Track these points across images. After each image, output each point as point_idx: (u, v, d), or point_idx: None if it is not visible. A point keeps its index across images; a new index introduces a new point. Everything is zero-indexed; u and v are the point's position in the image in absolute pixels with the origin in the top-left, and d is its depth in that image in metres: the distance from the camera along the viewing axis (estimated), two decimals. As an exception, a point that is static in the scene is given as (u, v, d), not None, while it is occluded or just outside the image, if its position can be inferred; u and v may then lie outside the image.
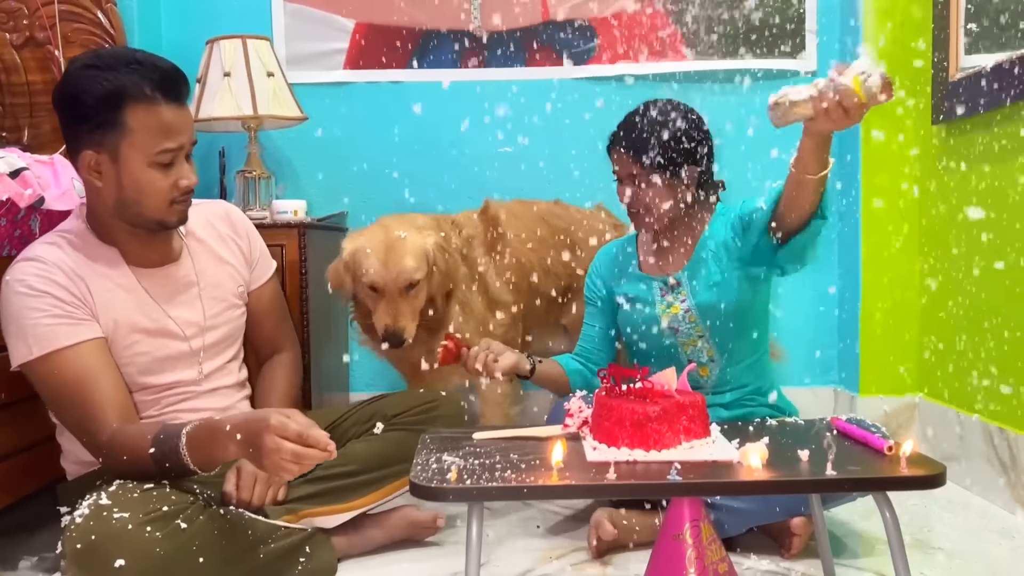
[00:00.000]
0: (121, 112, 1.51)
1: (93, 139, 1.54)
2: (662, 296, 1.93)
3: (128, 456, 1.47)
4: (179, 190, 1.59)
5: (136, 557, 1.37)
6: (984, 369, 2.15)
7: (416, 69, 2.74)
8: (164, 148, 1.55)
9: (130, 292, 1.64)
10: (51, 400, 1.57)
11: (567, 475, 1.21)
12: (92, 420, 1.51)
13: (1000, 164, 2.09)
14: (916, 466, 1.19)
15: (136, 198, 1.57)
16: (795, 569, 1.69)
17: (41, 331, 1.52)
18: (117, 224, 1.62)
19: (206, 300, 1.74)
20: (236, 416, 1.45)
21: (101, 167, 1.56)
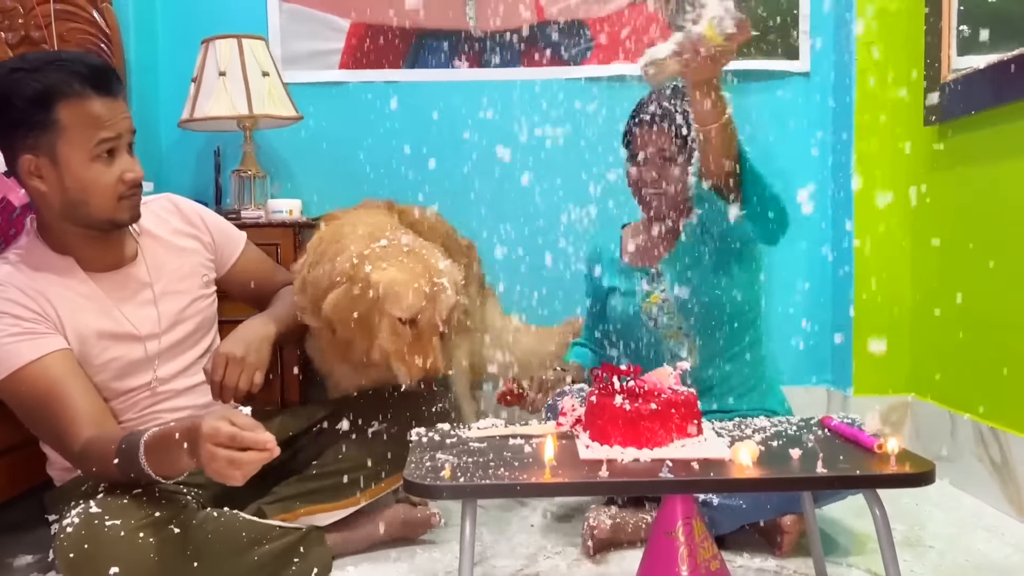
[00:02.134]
0: (52, 111, 1.49)
1: (28, 143, 1.51)
2: (642, 286, 1.95)
3: (97, 468, 1.46)
4: (125, 184, 1.56)
5: (130, 564, 1.38)
6: (976, 369, 2.17)
7: (411, 69, 2.74)
8: (101, 139, 1.52)
9: (91, 299, 1.62)
10: (24, 416, 1.55)
11: (560, 473, 1.22)
12: (64, 432, 1.49)
13: (993, 165, 2.11)
14: (906, 464, 1.20)
15: (82, 198, 1.54)
16: (787, 567, 1.70)
17: (3, 351, 1.49)
18: (68, 229, 1.60)
19: (169, 297, 1.72)
20: (183, 422, 1.39)
21: (42, 171, 1.53)
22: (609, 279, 2.03)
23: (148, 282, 1.70)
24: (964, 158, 2.23)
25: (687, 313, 1.89)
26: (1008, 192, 2.02)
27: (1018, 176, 1.98)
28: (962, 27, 2.24)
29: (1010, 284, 2.00)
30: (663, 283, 1.94)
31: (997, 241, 2.06)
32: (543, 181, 2.71)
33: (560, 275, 2.67)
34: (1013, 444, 1.98)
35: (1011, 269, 2.00)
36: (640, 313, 1.93)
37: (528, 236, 2.73)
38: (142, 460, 1.38)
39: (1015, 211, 1.99)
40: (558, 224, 2.73)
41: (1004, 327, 2.02)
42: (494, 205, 2.73)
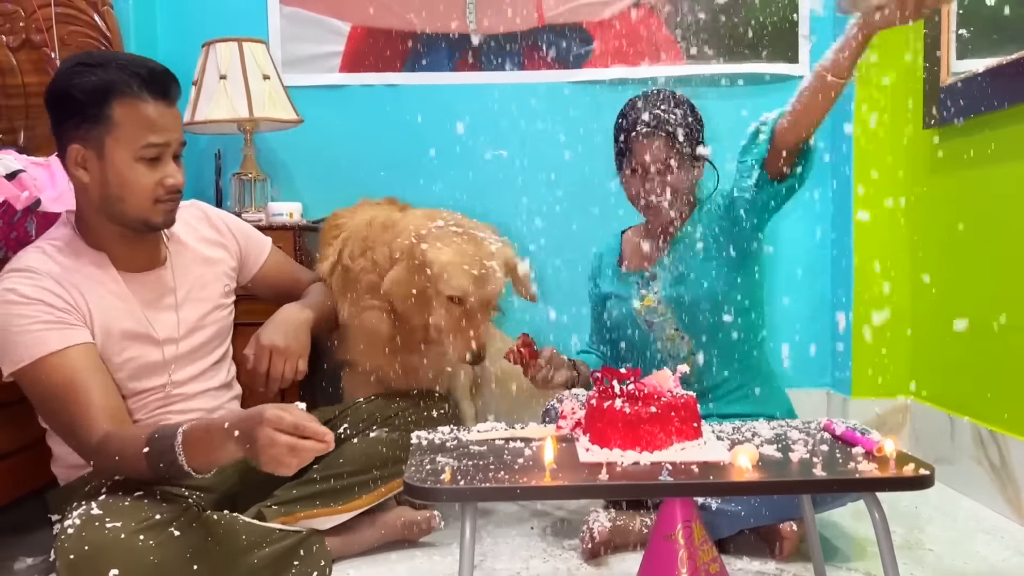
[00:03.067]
0: (107, 106, 1.52)
1: (79, 134, 1.55)
2: (638, 289, 1.95)
3: (121, 457, 1.45)
4: (164, 188, 1.59)
5: (130, 566, 1.38)
6: (975, 372, 2.17)
7: (411, 72, 2.75)
8: (149, 143, 1.55)
9: (120, 298, 1.63)
10: (41, 405, 1.55)
11: (560, 476, 1.22)
12: (82, 424, 1.49)
13: (992, 168, 2.11)
14: (905, 467, 1.21)
15: (120, 194, 1.57)
16: (786, 571, 1.70)
17: (30, 337, 1.51)
18: (105, 226, 1.62)
19: (191, 304, 1.74)
20: (233, 413, 1.44)
21: (87, 163, 1.56)
22: (608, 285, 2.03)
23: (172, 287, 1.71)
24: (964, 161, 2.24)
25: (681, 315, 1.89)
26: (1008, 195, 2.02)
27: (1018, 179, 1.99)
28: (961, 30, 2.24)
29: (1009, 287, 2.00)
30: (656, 285, 1.94)
31: (997, 244, 2.06)
32: (543, 184, 2.72)
33: (558, 277, 2.67)
34: (1012, 447, 1.98)
35: (1010, 273, 2.00)
36: (634, 315, 1.93)
37: (528, 238, 2.73)
38: (178, 450, 1.40)
39: (1015, 214, 1.99)
40: (558, 227, 2.73)
41: (1003, 330, 2.02)
42: (493, 208, 2.72)
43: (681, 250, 1.92)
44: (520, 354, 1.80)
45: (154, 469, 1.44)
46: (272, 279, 1.94)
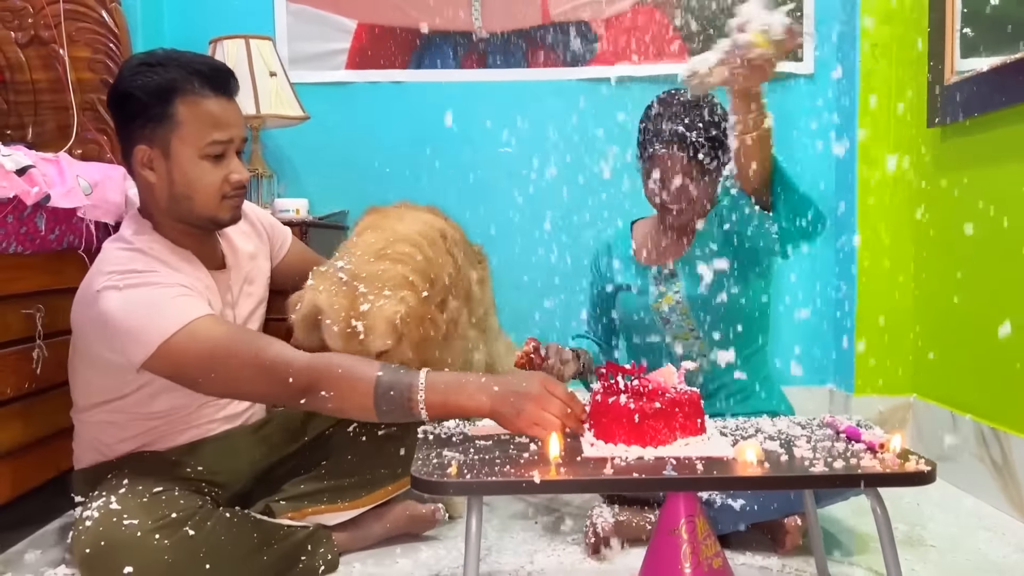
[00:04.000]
0: (170, 105, 1.54)
1: (144, 134, 1.56)
2: (655, 285, 1.95)
3: (344, 374, 1.39)
4: (230, 184, 1.59)
5: (144, 564, 1.40)
6: (977, 369, 2.18)
7: (417, 70, 2.76)
8: (213, 140, 1.56)
9: (212, 293, 1.65)
10: (209, 362, 1.44)
11: (564, 470, 1.23)
12: (275, 355, 1.42)
13: (995, 167, 2.12)
14: (907, 463, 1.22)
15: (187, 192, 1.57)
16: (789, 565, 1.71)
17: (174, 308, 1.45)
18: (176, 226, 1.62)
19: (243, 300, 1.77)
20: (485, 378, 1.39)
21: (154, 163, 1.57)
22: (621, 276, 2.02)
23: (230, 285, 1.73)
24: (967, 160, 2.25)
25: (700, 315, 1.90)
26: (1010, 194, 2.03)
27: (1020, 178, 2.00)
28: (965, 29, 2.25)
29: (1011, 286, 2.01)
30: (677, 283, 1.93)
31: (1000, 243, 2.07)
32: (548, 181, 2.73)
33: (565, 273, 2.68)
34: (1014, 444, 1.99)
35: (1013, 271, 2.01)
36: (652, 313, 1.94)
37: (534, 235, 2.74)
38: (420, 387, 1.37)
39: (1017, 213, 2.00)
40: (563, 222, 2.74)
41: (1007, 329, 2.03)
42: (499, 205, 2.74)
43: (701, 251, 1.92)
44: (530, 359, 1.83)
45: (380, 397, 1.39)
46: (295, 268, 1.93)
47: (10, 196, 1.72)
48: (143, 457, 1.64)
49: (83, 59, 2.40)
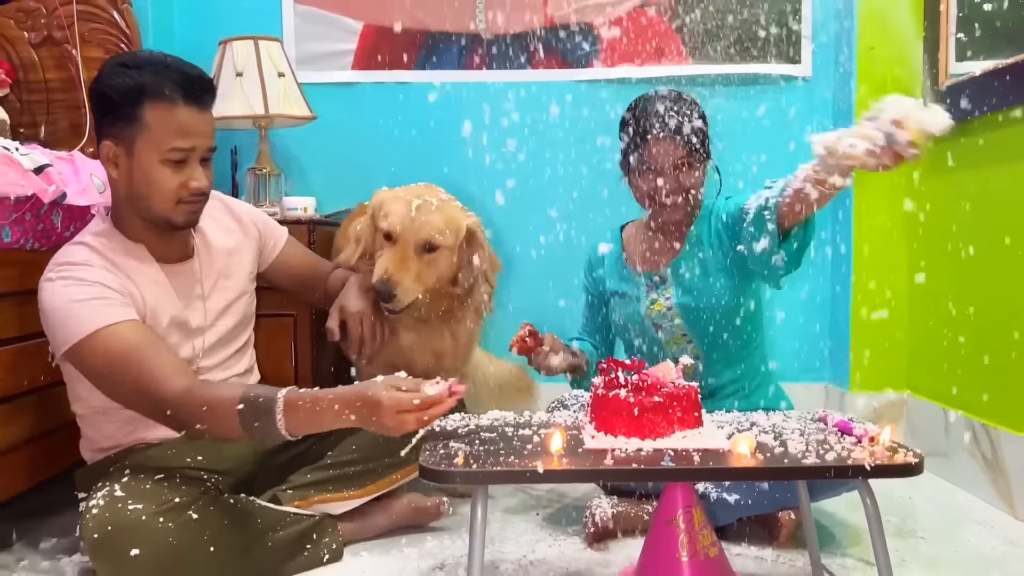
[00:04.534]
0: (139, 108, 1.59)
1: (113, 131, 1.62)
2: (647, 292, 1.98)
3: (209, 409, 1.47)
4: (187, 190, 1.64)
5: (150, 547, 1.45)
6: (970, 368, 2.23)
7: (422, 70, 2.81)
8: (175, 147, 1.61)
9: (163, 288, 1.70)
10: (107, 373, 1.54)
11: (567, 461, 1.28)
12: (156, 382, 1.51)
13: (988, 169, 2.17)
14: (896, 455, 1.27)
15: (144, 192, 1.63)
16: (783, 557, 1.76)
17: (89, 311, 1.54)
18: (136, 220, 1.69)
19: (217, 293, 1.81)
20: (344, 395, 1.44)
21: (118, 159, 1.63)
22: (613, 282, 2.05)
23: (199, 278, 1.78)
24: (961, 162, 2.29)
25: (692, 320, 1.92)
26: (1003, 196, 2.08)
27: (1013, 180, 2.04)
28: (960, 34, 2.29)
29: (1002, 285, 2.06)
30: (667, 289, 1.96)
31: (992, 244, 2.12)
32: (549, 181, 2.78)
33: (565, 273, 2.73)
34: (1004, 440, 2.04)
35: (1004, 271, 2.06)
36: (644, 319, 1.97)
37: (535, 232, 2.79)
38: (278, 414, 1.44)
39: (1009, 214, 2.05)
40: (564, 222, 2.79)
41: (997, 327, 2.08)
42: (502, 204, 2.79)
43: (691, 257, 1.95)
44: (525, 343, 1.86)
45: (247, 426, 1.46)
46: (292, 267, 2.00)
47: (28, 194, 1.77)
48: (142, 451, 1.69)
49: (95, 59, 2.45)
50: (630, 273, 2.02)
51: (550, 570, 1.70)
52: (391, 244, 1.88)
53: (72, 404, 1.75)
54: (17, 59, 2.47)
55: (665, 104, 1.86)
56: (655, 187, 1.88)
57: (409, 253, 1.87)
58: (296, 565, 1.68)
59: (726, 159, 2.68)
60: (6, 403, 1.73)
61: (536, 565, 1.72)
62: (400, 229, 1.87)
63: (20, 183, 1.74)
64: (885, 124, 1.33)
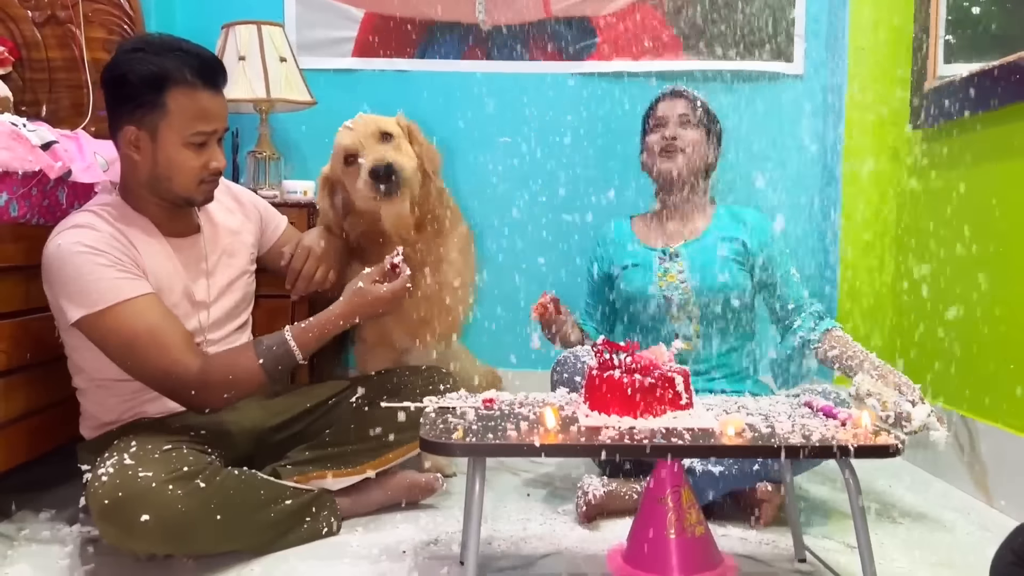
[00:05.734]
0: (163, 94, 1.64)
1: (135, 117, 1.66)
2: (659, 263, 2.09)
3: (234, 375, 1.65)
4: (208, 171, 1.71)
5: (160, 513, 1.48)
6: (950, 360, 2.29)
7: (421, 59, 2.84)
8: (198, 131, 1.67)
9: (169, 261, 1.75)
10: (123, 350, 1.62)
11: (563, 436, 1.33)
12: (176, 361, 1.61)
13: (974, 168, 2.23)
14: (878, 437, 1.33)
15: (168, 175, 1.69)
16: (767, 537, 1.81)
17: (105, 284, 1.60)
18: (148, 197, 1.74)
19: (221, 270, 1.86)
20: (343, 310, 1.75)
21: (140, 143, 1.67)
22: (624, 255, 2.17)
23: (204, 254, 1.82)
24: (948, 161, 2.35)
25: (701, 295, 2.05)
26: (988, 195, 2.14)
27: (998, 179, 2.11)
28: (948, 36, 2.35)
29: (984, 281, 2.12)
30: (680, 262, 2.09)
31: (975, 239, 2.18)
32: (546, 171, 2.82)
33: (561, 263, 2.78)
34: (982, 431, 2.11)
35: (986, 267, 2.12)
36: (655, 289, 2.07)
37: (530, 223, 2.83)
38: (296, 354, 1.70)
39: (993, 213, 2.11)
40: (559, 213, 2.84)
41: (977, 322, 2.15)
42: (497, 194, 2.83)
43: (708, 244, 2.11)
44: (546, 309, 1.94)
45: (271, 375, 1.69)
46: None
47: (36, 170, 1.80)
48: (145, 425, 1.73)
49: (98, 39, 2.47)
50: (643, 248, 2.14)
51: (542, 546, 1.75)
52: (356, 165, 1.96)
53: (74, 378, 1.79)
54: (20, 37, 2.48)
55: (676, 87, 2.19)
56: (662, 137, 2.10)
57: (376, 146, 1.96)
58: (296, 537, 1.73)
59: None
60: (9, 376, 1.76)
61: (528, 541, 1.77)
62: (357, 137, 1.98)
63: (28, 159, 1.77)
64: (900, 407, 1.72)
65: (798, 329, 2.05)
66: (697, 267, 2.07)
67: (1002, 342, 2.04)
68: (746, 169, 2.82)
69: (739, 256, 2.10)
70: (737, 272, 2.09)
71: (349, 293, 1.78)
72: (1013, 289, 2.02)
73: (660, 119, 2.15)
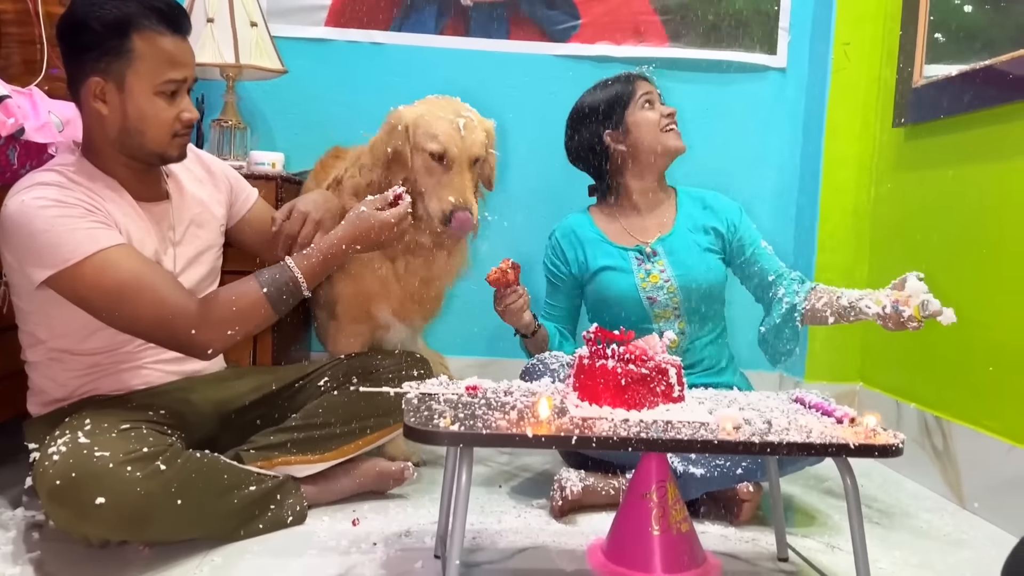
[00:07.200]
0: (127, 39, 1.53)
1: (99, 66, 1.54)
2: (639, 265, 2.03)
3: (239, 308, 1.56)
4: (181, 122, 1.61)
5: (116, 496, 1.38)
6: (922, 361, 2.29)
7: (397, 32, 2.74)
8: (169, 78, 1.57)
9: (139, 223, 1.64)
10: (109, 300, 1.49)
11: (555, 427, 1.27)
12: (171, 303, 1.51)
13: (953, 168, 2.22)
14: (879, 436, 1.29)
15: (140, 127, 1.58)
16: (747, 535, 1.77)
17: (81, 235, 1.48)
18: (116, 157, 1.62)
19: (188, 241, 1.75)
20: (345, 235, 1.68)
21: (107, 95, 1.56)
22: (601, 258, 2.08)
23: (172, 223, 1.71)
24: (928, 160, 2.34)
25: (686, 293, 2.00)
26: (965, 195, 2.13)
27: (976, 180, 2.10)
28: (935, 35, 2.34)
29: (958, 282, 2.11)
30: (659, 262, 2.02)
31: (952, 240, 2.18)
32: (521, 154, 2.74)
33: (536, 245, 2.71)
34: (955, 433, 2.10)
35: (961, 267, 2.11)
36: (639, 292, 2.01)
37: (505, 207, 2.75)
38: (301, 282, 1.62)
39: (971, 213, 2.10)
40: (532, 197, 2.77)
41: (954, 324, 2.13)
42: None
43: (682, 235, 2.06)
44: (506, 275, 1.86)
45: (277, 306, 1.60)
46: (257, 225, 1.93)
47: (-15, 125, 1.66)
48: (100, 402, 1.62)
49: (55, -8, 2.32)
50: (616, 248, 2.06)
51: (518, 540, 1.69)
52: (443, 165, 1.83)
53: (25, 350, 1.66)
54: (-32, -13, 2.31)
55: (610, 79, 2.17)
56: (663, 115, 2.06)
57: (465, 171, 1.84)
58: (259, 526, 1.64)
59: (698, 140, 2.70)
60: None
61: (503, 535, 1.71)
62: (456, 150, 1.83)
63: (-24, 113, 1.64)
64: (894, 296, 1.70)
65: (783, 297, 2.00)
66: (679, 264, 2.03)
67: (978, 344, 2.04)
68: (723, 161, 2.78)
69: (714, 245, 2.07)
70: (716, 263, 2.07)
71: (352, 217, 1.70)
72: (990, 291, 2.02)
73: (649, 95, 2.08)
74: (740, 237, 2.08)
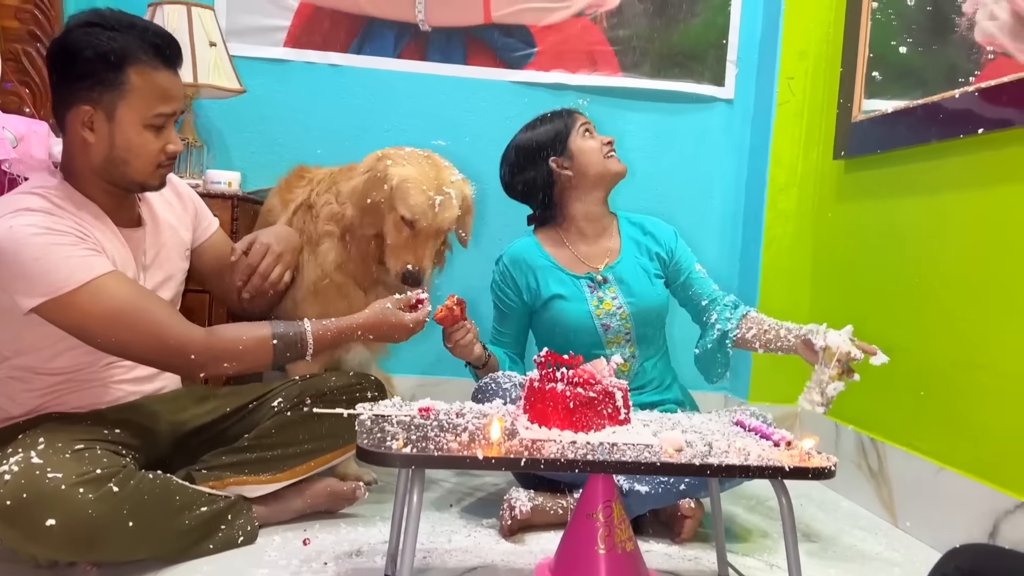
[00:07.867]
0: (123, 72, 1.55)
1: (91, 96, 1.55)
2: (591, 292, 2.09)
3: (245, 347, 1.60)
4: (166, 154, 1.63)
5: (68, 518, 1.38)
6: (860, 385, 2.37)
7: (356, 55, 2.77)
8: (159, 112, 1.59)
9: (121, 247, 1.65)
10: (107, 326, 1.50)
11: (505, 449, 1.30)
12: (169, 328, 1.54)
13: (891, 200, 2.32)
14: (813, 459, 1.35)
15: (125, 157, 1.59)
16: (689, 553, 1.83)
17: (75, 263, 1.48)
18: (96, 183, 1.63)
19: (155, 268, 1.76)
20: (366, 322, 1.76)
21: (95, 123, 1.57)
22: (552, 286, 2.13)
23: (144, 248, 1.72)
24: (866, 192, 2.45)
25: (638, 319, 2.08)
26: (902, 225, 2.24)
27: (912, 211, 2.20)
28: (873, 72, 2.45)
29: (896, 308, 2.21)
30: (610, 289, 2.10)
31: (889, 269, 2.28)
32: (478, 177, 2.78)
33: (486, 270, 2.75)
34: (889, 454, 2.19)
35: (895, 296, 2.21)
36: (592, 319, 2.07)
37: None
38: (309, 349, 1.68)
39: (905, 243, 2.21)
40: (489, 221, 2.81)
41: (887, 348, 2.23)
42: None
43: (629, 261, 2.13)
44: (452, 312, 1.88)
45: (278, 359, 1.66)
46: (213, 253, 1.93)
47: (-63, 141, 1.66)
48: (56, 419, 1.61)
49: (10, 7, 2.31)
50: (568, 275, 2.11)
51: (468, 559, 1.72)
52: (411, 230, 1.90)
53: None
54: (-79, -1, 2.30)
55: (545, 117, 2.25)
56: (603, 143, 2.14)
57: (428, 241, 1.92)
58: (210, 546, 1.64)
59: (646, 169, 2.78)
60: None
61: (453, 554, 1.74)
62: (425, 224, 1.89)
63: (-71, 128, 1.64)
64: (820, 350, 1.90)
65: (716, 323, 2.08)
66: (628, 292, 2.10)
67: (910, 370, 2.13)
68: (671, 188, 2.87)
69: (658, 270, 2.16)
70: (661, 288, 2.15)
71: (377, 309, 1.77)
72: (921, 319, 2.12)
73: (587, 125, 2.17)
74: (677, 261, 2.17)
